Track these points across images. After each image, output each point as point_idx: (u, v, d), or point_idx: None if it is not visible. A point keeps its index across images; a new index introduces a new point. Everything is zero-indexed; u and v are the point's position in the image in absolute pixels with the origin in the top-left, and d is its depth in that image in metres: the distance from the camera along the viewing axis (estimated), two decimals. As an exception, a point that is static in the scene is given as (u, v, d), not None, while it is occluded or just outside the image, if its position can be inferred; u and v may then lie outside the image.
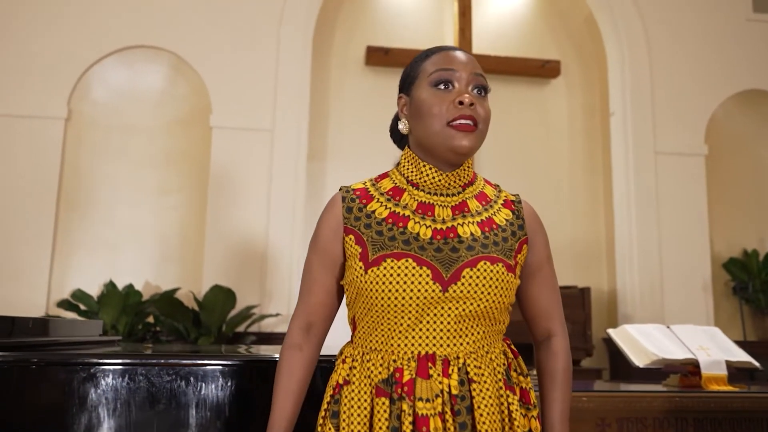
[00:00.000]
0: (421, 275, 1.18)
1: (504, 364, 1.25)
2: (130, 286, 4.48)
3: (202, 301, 4.39)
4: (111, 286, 4.43)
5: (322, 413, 1.25)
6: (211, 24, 5.02)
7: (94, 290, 4.56)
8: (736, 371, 2.50)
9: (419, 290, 1.18)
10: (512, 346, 1.32)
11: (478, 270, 1.20)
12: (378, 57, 5.41)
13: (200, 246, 4.80)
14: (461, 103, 1.21)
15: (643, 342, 2.50)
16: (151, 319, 4.43)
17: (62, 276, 4.65)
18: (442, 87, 1.24)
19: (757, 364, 2.49)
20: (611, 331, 2.66)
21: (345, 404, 1.21)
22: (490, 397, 1.18)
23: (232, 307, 4.43)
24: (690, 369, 2.46)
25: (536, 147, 5.61)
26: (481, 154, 5.38)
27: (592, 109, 5.74)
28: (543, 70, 5.56)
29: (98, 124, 4.92)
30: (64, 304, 4.37)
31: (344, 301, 1.32)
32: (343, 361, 1.26)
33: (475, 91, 1.25)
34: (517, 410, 1.21)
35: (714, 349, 2.51)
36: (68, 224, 4.75)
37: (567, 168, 5.63)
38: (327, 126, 5.40)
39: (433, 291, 1.18)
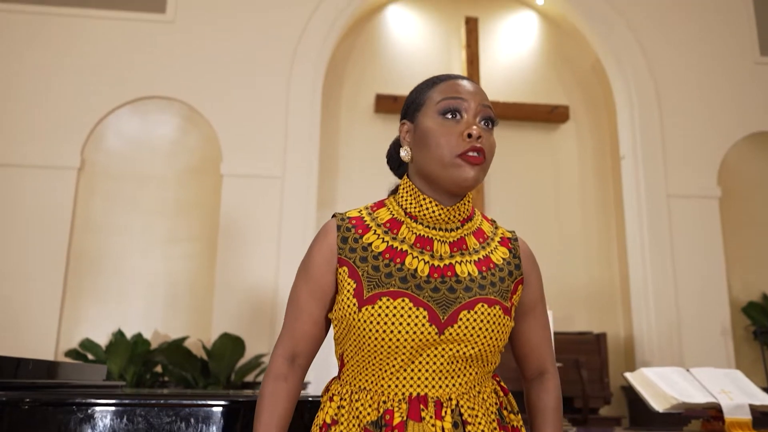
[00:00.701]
0: (417, 317, 1.14)
1: (496, 404, 1.21)
2: (139, 335, 4.44)
3: (210, 349, 4.33)
4: (119, 335, 4.39)
5: None
6: (223, 73, 5.11)
7: (102, 339, 4.52)
8: (760, 415, 2.40)
9: (414, 332, 1.14)
10: (502, 383, 1.28)
11: (476, 313, 1.17)
12: (387, 104, 5.47)
13: (209, 294, 4.77)
14: (470, 135, 1.18)
15: (662, 385, 2.42)
16: (159, 369, 4.37)
17: (71, 325, 4.62)
18: (450, 116, 1.21)
19: (782, 407, 2.39)
20: (628, 375, 2.57)
21: None
22: None
23: (241, 355, 4.36)
24: (712, 413, 2.36)
25: (547, 191, 5.59)
26: (492, 199, 5.37)
27: (603, 153, 5.73)
28: (552, 115, 5.58)
29: (110, 174, 4.97)
30: (72, 354, 4.33)
31: (331, 333, 1.27)
32: (330, 399, 1.21)
33: (483, 122, 1.22)
34: None
35: (736, 392, 2.42)
36: (78, 273, 4.74)
37: (579, 212, 5.59)
38: (336, 173, 5.42)
39: (429, 333, 1.14)
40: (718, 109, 5.50)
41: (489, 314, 1.17)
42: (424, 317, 1.14)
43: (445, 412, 1.14)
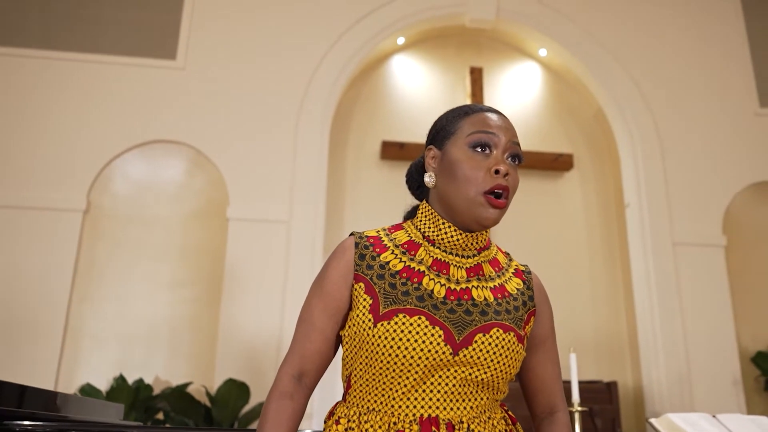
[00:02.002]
0: (433, 335, 1.13)
1: (507, 429, 1.19)
2: (140, 381, 4.33)
3: (214, 395, 4.22)
4: (121, 380, 4.28)
5: None
6: (231, 118, 5.15)
7: (103, 384, 4.41)
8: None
9: (429, 350, 1.12)
10: (509, 412, 1.26)
11: (491, 336, 1.15)
12: (393, 151, 5.51)
13: (213, 339, 4.69)
14: (497, 172, 1.18)
15: (690, 431, 2.36)
16: (160, 415, 4.25)
17: (71, 369, 4.51)
18: (480, 150, 1.21)
19: (813, 455, 2.33)
20: (654, 421, 2.51)
21: None
22: None
23: (245, 402, 4.26)
24: (742, 461, 2.30)
25: (553, 239, 5.59)
26: (498, 245, 5.35)
27: (607, 201, 5.76)
28: (556, 164, 5.63)
29: (116, 217, 4.94)
30: (71, 400, 4.21)
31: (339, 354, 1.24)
32: (337, 422, 1.17)
33: (510, 159, 1.23)
34: None
35: (765, 438, 2.36)
36: (80, 316, 4.66)
37: (585, 259, 5.58)
38: (343, 219, 5.42)
39: (443, 353, 1.12)
40: (720, 159, 5.57)
41: (504, 340, 1.16)
42: (440, 336, 1.13)
43: None
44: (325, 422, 1.21)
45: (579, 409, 2.48)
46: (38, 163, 4.88)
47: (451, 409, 1.13)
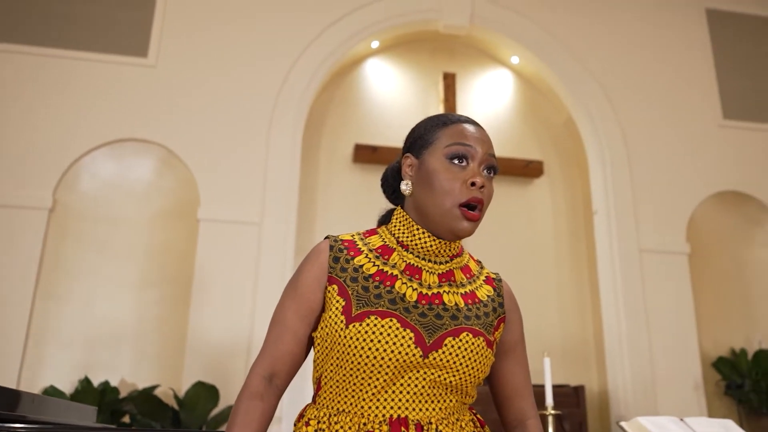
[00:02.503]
0: (404, 337, 1.15)
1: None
2: (106, 383, 4.25)
3: (182, 398, 4.17)
4: (86, 382, 4.20)
5: None
6: (203, 118, 5.09)
7: (66, 386, 4.31)
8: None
9: (400, 352, 1.14)
10: (478, 416, 1.28)
11: (461, 340, 1.18)
12: (366, 154, 5.51)
13: (181, 342, 4.62)
14: (473, 184, 1.21)
15: (659, 434, 2.41)
16: (127, 419, 4.18)
17: (34, 370, 4.40)
18: (457, 162, 1.23)
19: (776, 457, 2.41)
20: (624, 424, 2.56)
21: None
22: None
23: (214, 405, 4.21)
24: (708, 463, 2.36)
25: (522, 244, 5.65)
26: (468, 250, 5.39)
27: (576, 208, 5.85)
28: (527, 170, 5.70)
29: (83, 216, 4.84)
30: (34, 402, 4.11)
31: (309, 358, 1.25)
32: (306, 424, 1.18)
33: (485, 171, 1.26)
34: None
35: (731, 441, 2.43)
36: (44, 316, 4.56)
37: (554, 265, 5.66)
38: (314, 221, 5.40)
39: (414, 355, 1.15)
40: (684, 169, 5.70)
41: (473, 344, 1.19)
42: (411, 338, 1.15)
43: None
44: (294, 425, 1.22)
45: (552, 412, 2.51)
46: (3, 160, 4.76)
47: (420, 410, 1.15)
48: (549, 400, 2.54)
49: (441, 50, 6.04)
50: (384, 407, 1.14)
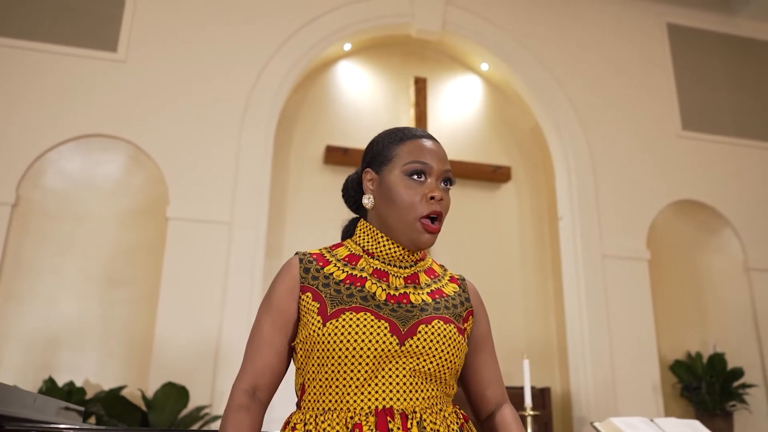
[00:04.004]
0: (379, 327, 1.21)
1: (458, 423, 1.25)
2: (71, 384, 4.16)
3: (151, 399, 4.11)
4: (51, 383, 4.10)
5: None
6: (173, 115, 5.03)
7: (29, 387, 4.20)
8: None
9: (377, 341, 1.19)
10: (462, 411, 1.33)
11: (433, 327, 1.24)
12: (337, 156, 5.52)
13: (149, 342, 4.55)
14: (432, 198, 1.28)
15: (632, 435, 2.50)
16: (93, 420, 4.10)
17: (-5, 372, 4.28)
18: (416, 177, 1.30)
19: (741, 456, 2.52)
20: (598, 425, 2.65)
21: None
22: None
23: (183, 406, 4.17)
24: (678, 462, 2.46)
25: (489, 248, 5.75)
26: (435, 254, 5.46)
27: (541, 213, 5.97)
28: (495, 175, 5.80)
29: (47, 212, 4.73)
30: (-5, 403, 4.00)
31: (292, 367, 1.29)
32: (293, 429, 1.21)
33: (443, 183, 1.33)
34: None
35: (699, 441, 2.54)
36: (5, 314, 4.44)
37: (519, 269, 5.77)
38: (284, 222, 5.38)
39: (391, 344, 1.20)
40: (645, 177, 5.89)
41: (445, 330, 1.25)
42: (386, 328, 1.20)
43: (411, 424, 1.17)
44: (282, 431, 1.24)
45: (531, 413, 2.58)
46: (-36, 153, 4.62)
47: (404, 399, 1.19)
48: (528, 401, 2.60)
49: (413, 55, 6.10)
50: (369, 400, 1.18)
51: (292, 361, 1.29)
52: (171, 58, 5.17)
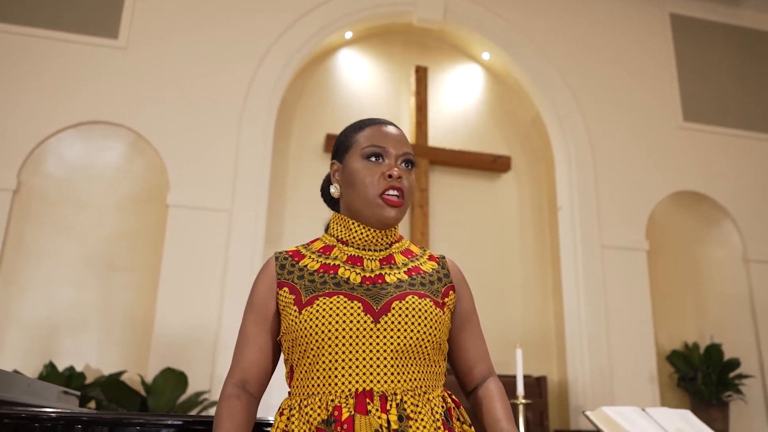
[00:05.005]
0: (352, 308, 1.23)
1: (443, 407, 1.26)
2: (72, 369, 4.20)
3: (150, 384, 4.15)
4: (51, 367, 4.14)
5: None
6: (174, 103, 5.04)
7: (30, 372, 4.25)
8: (713, 453, 2.55)
9: (351, 321, 1.22)
10: (453, 396, 1.34)
11: (407, 302, 1.26)
12: (337, 145, 5.52)
13: (148, 328, 4.59)
14: (390, 176, 1.31)
15: (624, 424, 2.52)
16: (92, 404, 4.14)
17: (-4, 356, 4.33)
18: (374, 159, 1.34)
19: (731, 446, 2.54)
20: (590, 414, 2.67)
21: None
22: None
23: (182, 391, 4.21)
24: (669, 451, 2.48)
25: (489, 238, 5.76)
26: (435, 242, 5.48)
27: (541, 203, 5.98)
28: (495, 165, 5.80)
29: (48, 198, 4.76)
30: (-4, 387, 4.04)
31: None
32: (281, 414, 1.25)
33: (403, 164, 1.36)
34: None
35: (689, 430, 2.56)
36: (6, 299, 4.47)
37: (518, 259, 5.78)
38: (284, 210, 5.40)
39: (365, 322, 1.22)
40: (646, 168, 5.89)
41: (420, 304, 1.27)
42: (359, 308, 1.24)
43: (390, 406, 1.19)
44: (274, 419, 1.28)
45: (523, 401, 2.60)
46: (-34, 139, 4.63)
47: (385, 382, 1.20)
48: (520, 389, 2.63)
49: (414, 43, 6.09)
50: (350, 383, 1.20)
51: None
52: (172, 46, 5.18)
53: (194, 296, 4.66)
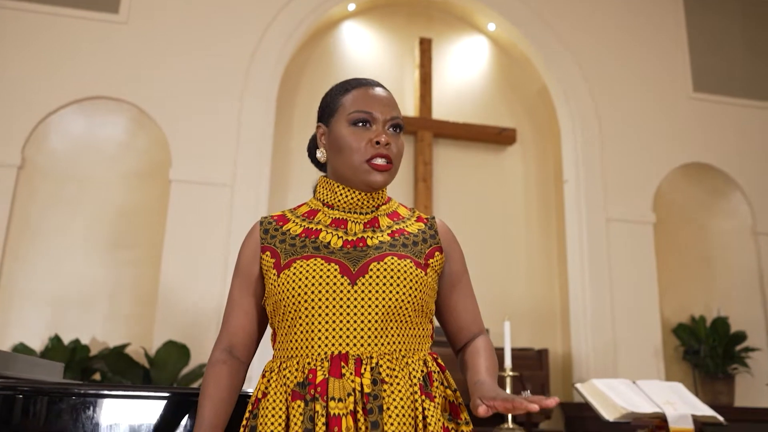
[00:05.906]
0: (329, 270, 1.23)
1: (422, 371, 1.23)
2: (77, 341, 4.27)
3: (153, 357, 4.21)
4: (56, 340, 4.21)
5: (241, 430, 1.23)
6: (175, 78, 5.03)
7: (37, 344, 4.33)
8: (702, 426, 2.54)
9: (327, 283, 1.21)
10: (439, 360, 1.32)
11: (385, 263, 1.25)
12: (340, 118, 5.49)
13: (152, 302, 4.65)
14: (378, 143, 1.28)
15: (612, 396, 2.52)
16: (97, 376, 4.22)
17: (2, 328, 4.41)
18: (361, 125, 1.31)
19: (721, 418, 2.54)
20: (579, 386, 2.67)
21: (262, 416, 1.19)
22: (401, 399, 1.17)
23: (185, 364, 4.27)
24: (657, 423, 2.48)
25: (494, 211, 5.72)
26: (440, 215, 5.46)
27: (547, 176, 5.92)
28: (500, 137, 5.74)
29: (53, 174, 4.80)
30: (3, 359, 4.12)
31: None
32: (263, 376, 1.26)
33: (391, 129, 1.32)
34: (433, 416, 1.17)
35: (679, 403, 2.55)
36: (12, 274, 4.54)
37: (523, 231, 5.74)
38: (288, 183, 5.40)
39: (342, 284, 1.21)
40: (654, 140, 5.79)
41: (399, 265, 1.25)
42: (336, 270, 1.23)
43: (365, 369, 1.18)
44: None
45: (510, 374, 2.61)
46: (-31, 115, 4.67)
47: (362, 345, 1.19)
48: (508, 362, 2.63)
49: (418, 15, 6.01)
50: (326, 345, 1.20)
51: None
52: (173, 20, 5.15)
53: (197, 270, 4.70)
